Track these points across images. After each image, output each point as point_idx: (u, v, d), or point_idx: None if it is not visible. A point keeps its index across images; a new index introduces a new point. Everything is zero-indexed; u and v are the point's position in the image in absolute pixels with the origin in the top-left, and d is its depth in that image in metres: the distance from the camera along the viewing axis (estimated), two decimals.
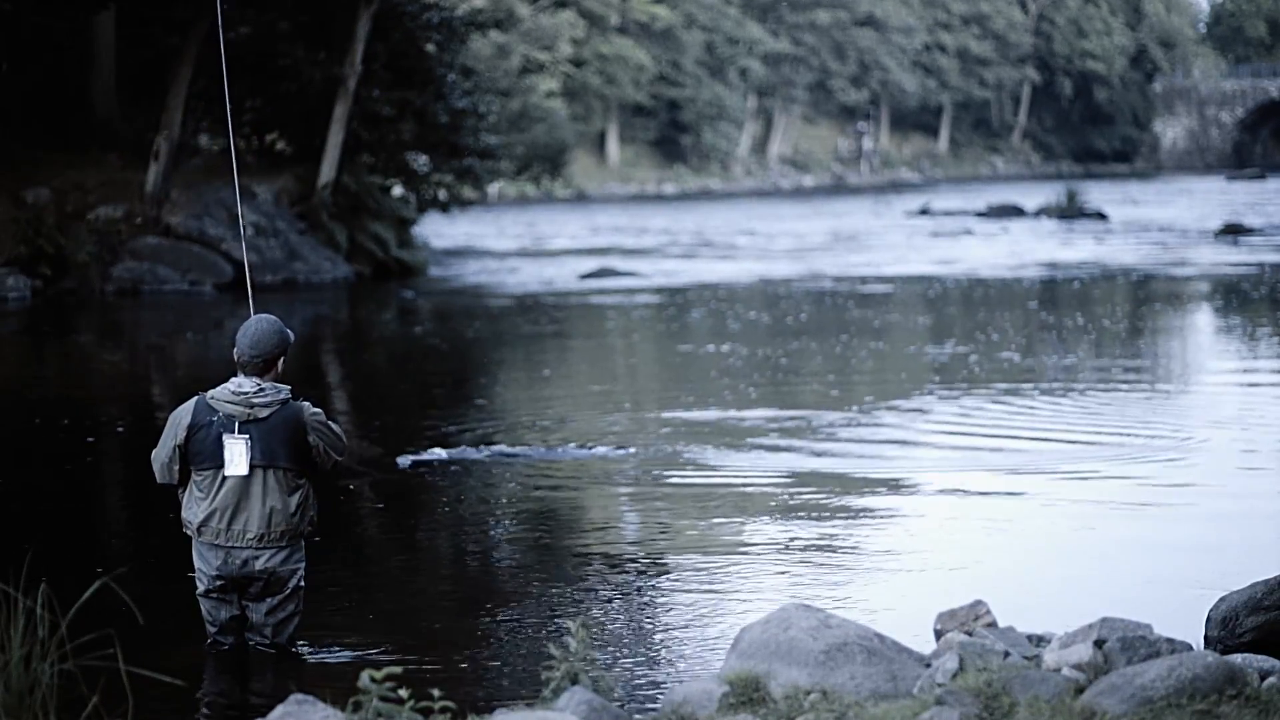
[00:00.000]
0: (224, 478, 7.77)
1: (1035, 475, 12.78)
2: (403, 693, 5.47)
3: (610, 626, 8.58)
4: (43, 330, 26.63)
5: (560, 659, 6.21)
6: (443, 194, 40.18)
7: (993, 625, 6.64)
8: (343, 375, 21.40)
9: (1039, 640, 6.60)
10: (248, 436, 7.73)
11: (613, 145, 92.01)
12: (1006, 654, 6.07)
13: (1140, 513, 11.46)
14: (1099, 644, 5.94)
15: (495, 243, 46.50)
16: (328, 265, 33.36)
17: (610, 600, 9.20)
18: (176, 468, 7.85)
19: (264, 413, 7.77)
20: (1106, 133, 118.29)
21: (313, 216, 34.13)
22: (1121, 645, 5.88)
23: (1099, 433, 14.72)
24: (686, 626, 8.63)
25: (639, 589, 9.47)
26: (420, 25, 37.33)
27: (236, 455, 7.74)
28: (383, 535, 11.66)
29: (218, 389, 7.84)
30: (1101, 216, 52.62)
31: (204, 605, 7.97)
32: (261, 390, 7.79)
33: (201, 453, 7.79)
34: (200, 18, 31.68)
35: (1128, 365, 19.96)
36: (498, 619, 8.79)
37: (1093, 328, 24.06)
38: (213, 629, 7.98)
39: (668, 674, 7.71)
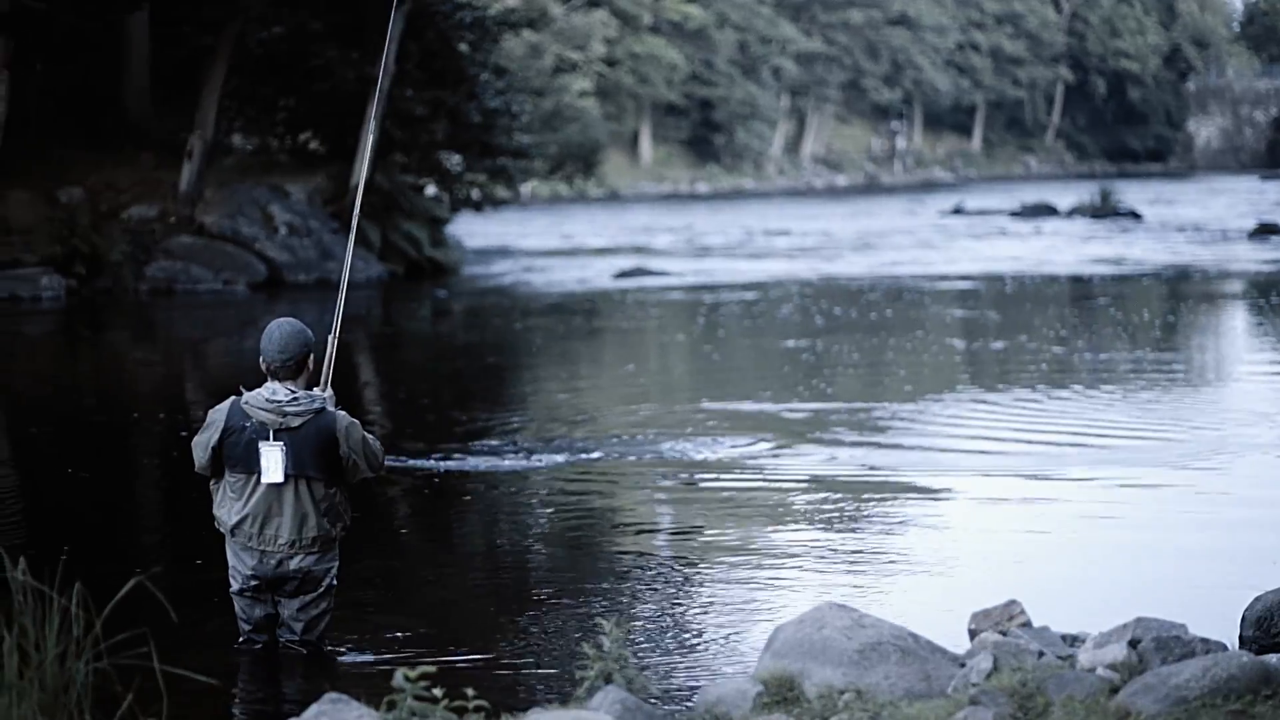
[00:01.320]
0: (257, 484, 7.78)
1: (1071, 475, 12.72)
2: (436, 692, 5.46)
3: (644, 625, 8.57)
4: (77, 330, 26.74)
5: (594, 658, 6.21)
6: (476, 193, 40.26)
7: (1027, 625, 6.63)
8: (378, 373, 21.43)
9: (1073, 640, 6.58)
10: (282, 444, 7.71)
11: (645, 145, 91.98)
12: (1041, 654, 6.05)
13: (1176, 512, 11.41)
14: (1133, 644, 5.92)
15: (528, 242, 46.52)
16: (361, 264, 33.36)
17: (645, 599, 9.19)
18: (208, 461, 7.88)
19: (296, 422, 7.74)
20: (1140, 132, 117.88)
21: (346, 216, 34.18)
22: (1156, 645, 5.86)
23: (1138, 432, 14.66)
24: (721, 626, 8.62)
25: (673, 588, 9.46)
26: (453, 25, 37.40)
27: (272, 463, 7.71)
28: (417, 533, 11.67)
29: (252, 394, 7.82)
30: (1135, 216, 52.43)
31: (238, 603, 7.98)
32: (295, 399, 7.77)
33: (234, 457, 7.78)
34: (233, 18, 31.79)
35: (1166, 364, 19.88)
36: (532, 618, 8.78)
37: (1133, 327, 23.96)
38: (246, 627, 7.99)
39: (702, 673, 7.69)
